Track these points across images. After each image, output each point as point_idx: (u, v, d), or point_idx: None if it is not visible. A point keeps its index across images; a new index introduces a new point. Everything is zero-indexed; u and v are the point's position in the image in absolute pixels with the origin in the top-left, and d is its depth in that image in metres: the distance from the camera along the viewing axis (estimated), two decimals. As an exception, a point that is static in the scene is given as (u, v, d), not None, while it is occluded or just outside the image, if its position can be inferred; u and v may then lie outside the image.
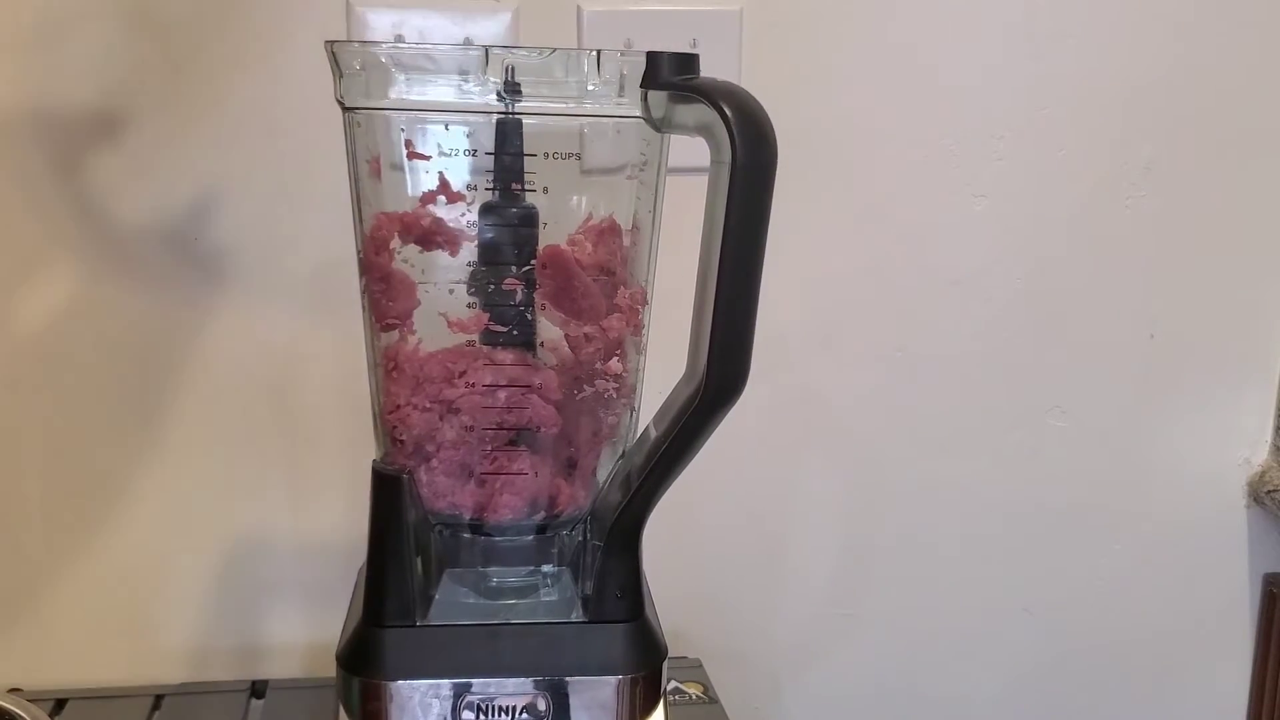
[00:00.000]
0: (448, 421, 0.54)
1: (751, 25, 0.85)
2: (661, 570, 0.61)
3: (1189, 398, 0.99)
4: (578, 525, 0.57)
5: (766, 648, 0.99)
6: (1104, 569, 1.02)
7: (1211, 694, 1.06)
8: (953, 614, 1.01)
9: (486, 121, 0.52)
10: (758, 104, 0.45)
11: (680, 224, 0.53)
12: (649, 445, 0.52)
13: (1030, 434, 0.98)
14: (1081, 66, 0.91)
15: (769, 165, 0.45)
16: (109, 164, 0.81)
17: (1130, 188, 0.94)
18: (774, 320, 0.48)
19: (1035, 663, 1.03)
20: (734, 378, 0.48)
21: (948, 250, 0.93)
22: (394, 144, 0.52)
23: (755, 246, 0.46)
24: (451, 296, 0.54)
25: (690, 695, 0.87)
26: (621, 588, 0.55)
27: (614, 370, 0.55)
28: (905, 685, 1.02)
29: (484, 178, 0.53)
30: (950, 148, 0.91)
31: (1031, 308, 0.95)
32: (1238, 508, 1.02)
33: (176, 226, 0.83)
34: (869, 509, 0.97)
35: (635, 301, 0.55)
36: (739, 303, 0.47)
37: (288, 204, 0.83)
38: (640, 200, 0.55)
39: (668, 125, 0.51)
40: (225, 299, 0.85)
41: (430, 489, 0.55)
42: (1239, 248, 0.97)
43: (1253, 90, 0.93)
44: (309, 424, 0.88)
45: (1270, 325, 0.98)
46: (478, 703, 0.54)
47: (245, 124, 0.82)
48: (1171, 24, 0.91)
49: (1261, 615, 1.04)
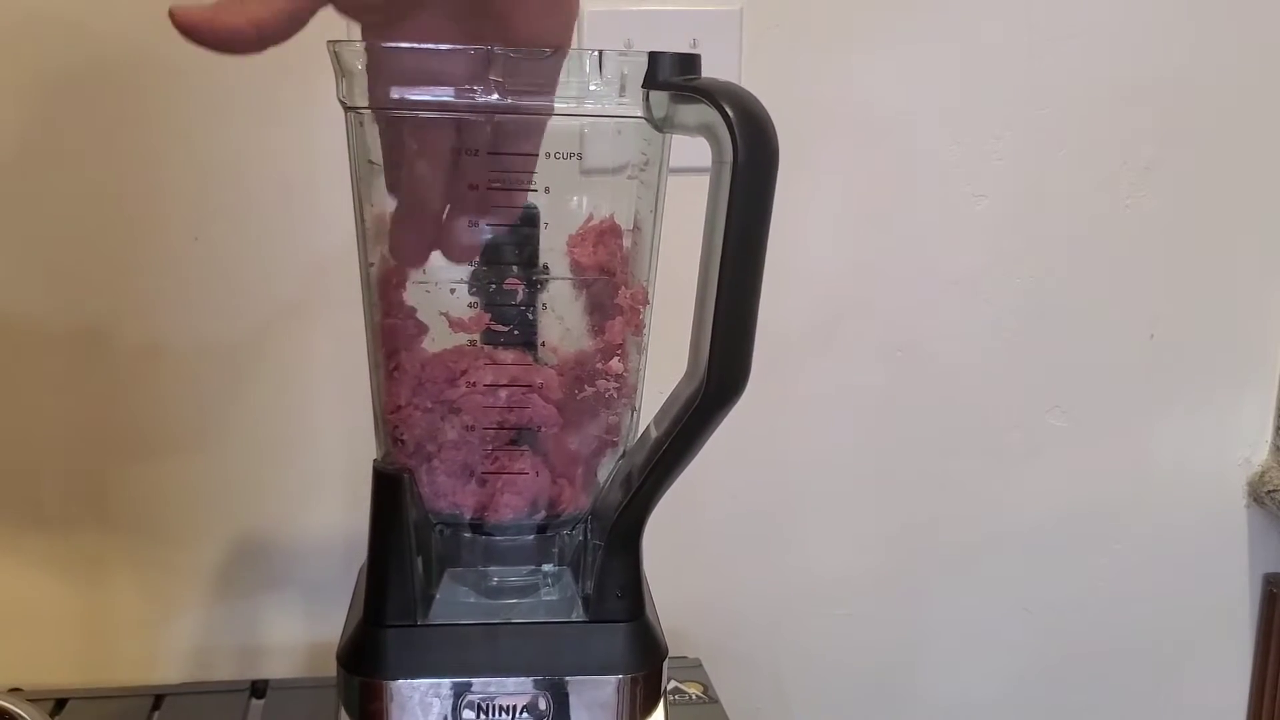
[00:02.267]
0: (449, 421, 0.54)
1: (751, 25, 0.85)
2: (662, 570, 0.61)
3: (1189, 398, 0.99)
4: (578, 525, 0.57)
5: (766, 648, 0.99)
6: (1104, 569, 1.02)
7: (1211, 694, 1.06)
8: (953, 614, 1.01)
9: (488, 121, 0.52)
10: (760, 104, 0.45)
11: (681, 224, 0.53)
12: (650, 445, 0.52)
13: (1030, 434, 0.98)
14: (1081, 66, 0.91)
15: (770, 165, 0.45)
16: (107, 161, 0.81)
17: (1130, 188, 0.94)
18: (774, 320, 0.48)
19: (1035, 663, 1.03)
20: (735, 378, 0.48)
21: (948, 250, 0.93)
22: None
23: (756, 246, 0.46)
24: (453, 296, 0.54)
25: (690, 695, 0.87)
26: (622, 587, 0.55)
27: (615, 370, 0.55)
28: (905, 685, 1.02)
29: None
30: (950, 148, 0.91)
31: (1031, 308, 0.95)
32: (1238, 508, 1.02)
33: (177, 226, 0.83)
34: (869, 509, 0.97)
35: (636, 301, 0.55)
36: (740, 303, 0.47)
37: (289, 203, 0.83)
38: (641, 200, 0.55)
39: (669, 125, 0.51)
40: (225, 296, 0.85)
41: (431, 488, 0.55)
42: (1239, 248, 0.97)
43: (1253, 90, 0.94)
44: (309, 423, 0.88)
45: (1270, 325, 0.99)
46: (478, 702, 0.54)
47: (247, 122, 0.82)
48: (1171, 24, 0.91)
49: (1261, 615, 1.04)
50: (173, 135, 0.82)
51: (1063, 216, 0.94)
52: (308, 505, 0.89)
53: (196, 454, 0.87)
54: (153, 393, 0.86)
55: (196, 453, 0.87)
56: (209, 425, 0.87)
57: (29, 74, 0.79)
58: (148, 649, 0.90)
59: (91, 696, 0.86)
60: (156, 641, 0.90)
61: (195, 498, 0.88)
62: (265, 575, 0.90)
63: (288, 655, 0.92)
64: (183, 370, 0.86)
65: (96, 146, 0.81)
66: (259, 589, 0.91)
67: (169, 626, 0.90)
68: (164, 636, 0.90)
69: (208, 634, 0.91)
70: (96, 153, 0.81)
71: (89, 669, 0.90)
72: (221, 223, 0.83)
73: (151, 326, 0.84)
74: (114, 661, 0.90)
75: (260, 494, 0.89)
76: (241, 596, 0.91)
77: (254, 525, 0.89)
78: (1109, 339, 0.97)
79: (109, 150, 0.81)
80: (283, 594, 0.91)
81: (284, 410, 0.87)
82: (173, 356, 0.85)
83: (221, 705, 0.85)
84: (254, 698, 0.87)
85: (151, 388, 0.86)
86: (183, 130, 0.82)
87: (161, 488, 0.88)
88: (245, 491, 0.89)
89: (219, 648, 0.91)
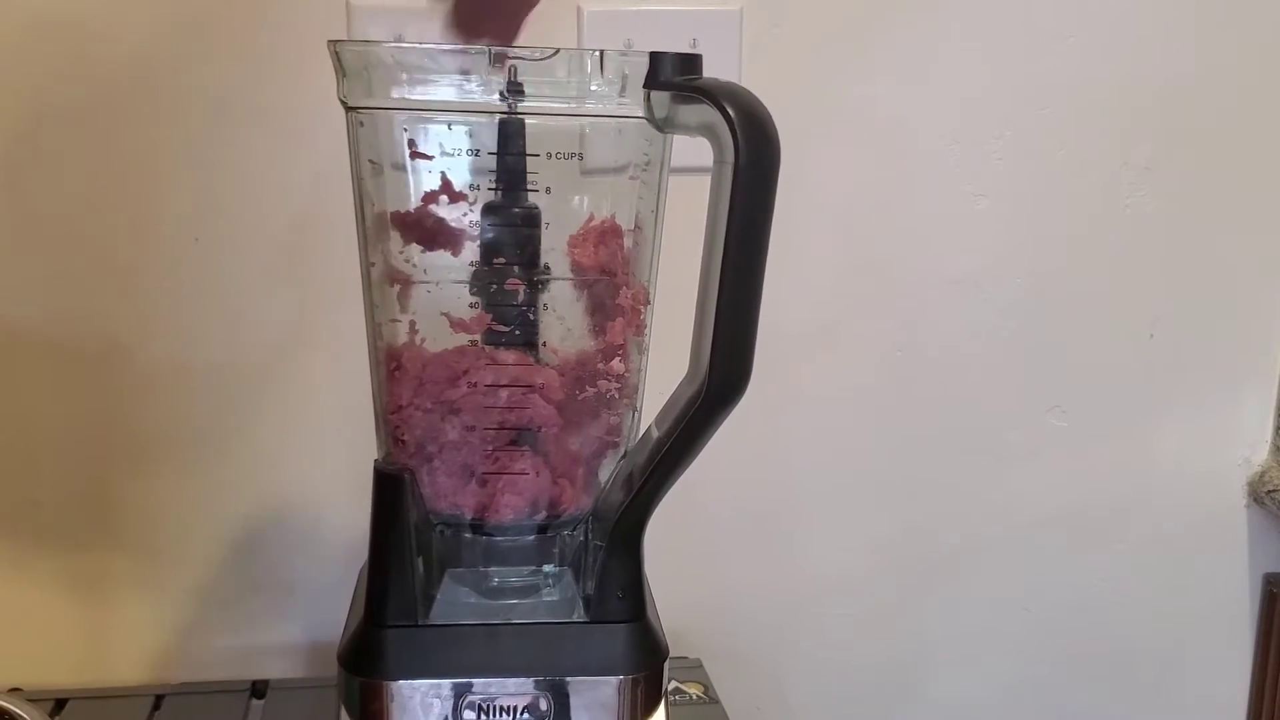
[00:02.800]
0: (450, 422, 0.54)
1: (751, 25, 0.85)
2: (662, 570, 0.61)
3: (1189, 398, 0.99)
4: (579, 525, 0.57)
5: (767, 648, 0.99)
6: (1104, 569, 1.02)
7: (1211, 694, 1.06)
8: (953, 614, 1.01)
9: (489, 121, 0.52)
10: (761, 105, 0.45)
11: (683, 223, 0.53)
12: (651, 446, 0.52)
13: (1030, 434, 0.98)
14: (1081, 66, 0.91)
15: (772, 166, 0.45)
16: (106, 159, 0.81)
17: (1130, 188, 0.94)
18: (774, 320, 0.48)
19: (1035, 663, 1.03)
20: (736, 378, 0.48)
21: (948, 250, 0.93)
22: (397, 144, 0.52)
23: (758, 247, 0.46)
24: (454, 297, 0.54)
25: (690, 695, 0.87)
26: (623, 588, 0.55)
27: (616, 370, 0.55)
28: (905, 685, 1.02)
29: (486, 178, 0.53)
30: (950, 148, 0.91)
31: (1031, 307, 0.95)
32: (1238, 508, 1.02)
33: (177, 224, 0.83)
34: (869, 509, 0.97)
35: (637, 301, 0.55)
36: (741, 303, 0.47)
37: (289, 203, 0.83)
38: (643, 200, 0.55)
39: (670, 125, 0.51)
40: (225, 295, 0.85)
41: (432, 489, 0.55)
42: (1239, 248, 0.97)
43: (1253, 90, 0.94)
44: (310, 423, 0.88)
45: (1270, 325, 0.98)
46: (479, 703, 0.54)
47: (248, 120, 0.82)
48: (1171, 24, 0.91)
49: (1261, 615, 1.04)
50: (173, 135, 0.81)
51: (1063, 216, 0.94)
52: (308, 505, 0.89)
53: (197, 453, 0.87)
54: (153, 392, 0.86)
55: (197, 452, 0.87)
56: (209, 425, 0.87)
57: (29, 75, 0.79)
58: (148, 649, 0.90)
59: (91, 696, 0.86)
60: (156, 641, 0.90)
61: (195, 497, 0.88)
62: (265, 575, 0.90)
63: (288, 655, 0.92)
64: (183, 369, 0.86)
65: (97, 146, 0.81)
66: (259, 589, 0.91)
67: (169, 626, 0.90)
68: (164, 637, 0.90)
69: (208, 634, 0.91)
70: (96, 153, 0.81)
71: (89, 669, 0.89)
72: (221, 223, 0.83)
73: (151, 326, 0.84)
74: (114, 661, 0.90)
75: (260, 493, 0.89)
76: (241, 596, 0.90)
77: (254, 524, 0.89)
78: (1109, 339, 0.97)
79: (109, 150, 0.81)
80: (283, 594, 0.91)
81: (285, 410, 0.87)
82: (173, 356, 0.85)
83: (221, 705, 0.85)
84: (254, 698, 0.87)
85: (152, 387, 0.86)
86: (183, 130, 0.81)
87: (162, 487, 0.87)
88: (245, 491, 0.88)
89: (219, 648, 0.91)
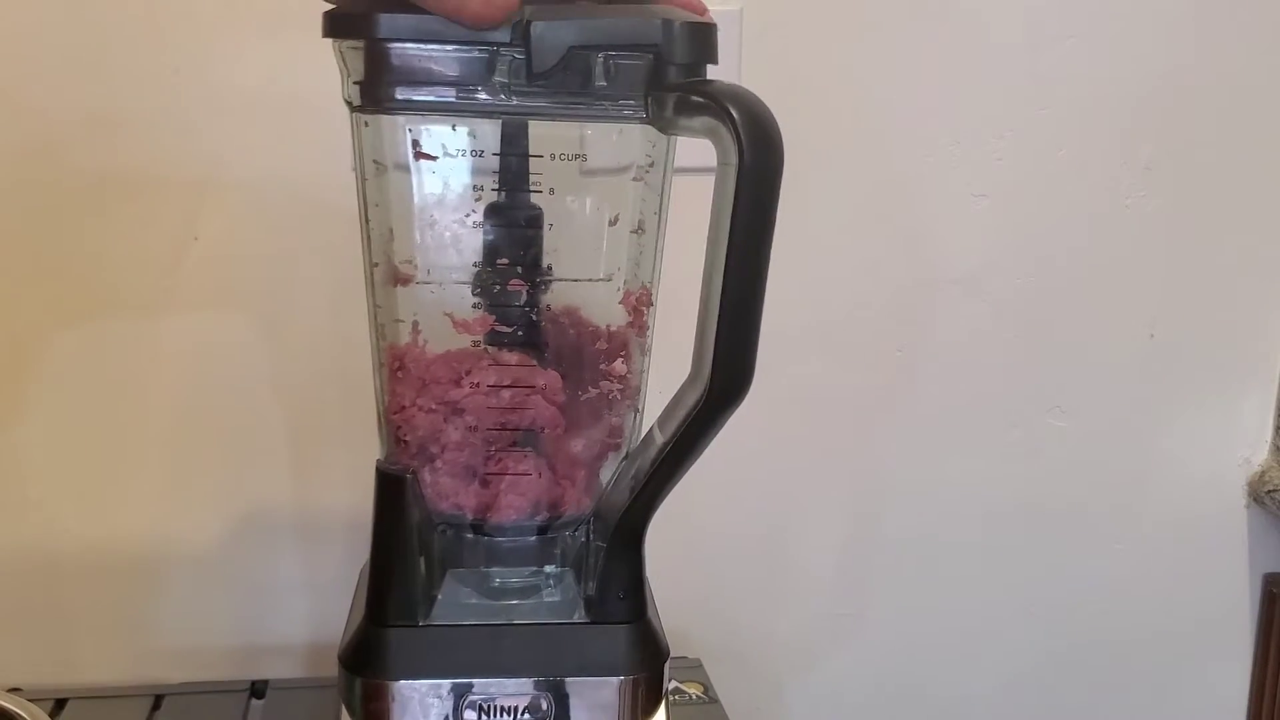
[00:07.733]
0: (452, 422, 0.54)
1: (751, 25, 0.85)
2: (663, 570, 0.61)
3: (1189, 398, 0.99)
4: (581, 526, 0.57)
5: (767, 648, 0.99)
6: (1104, 569, 1.02)
7: (1211, 694, 1.06)
8: (953, 614, 1.01)
9: (492, 123, 0.52)
10: (764, 107, 0.45)
11: (685, 224, 0.53)
12: (653, 447, 0.52)
13: (1030, 434, 0.98)
14: (1082, 66, 0.91)
15: (775, 168, 0.45)
16: (107, 161, 0.81)
17: (1130, 188, 0.94)
18: (774, 320, 0.48)
19: (1035, 663, 1.03)
20: (739, 380, 0.48)
21: (948, 250, 0.93)
22: (400, 144, 0.52)
23: (761, 249, 0.46)
24: (457, 297, 0.54)
25: (690, 695, 0.87)
26: (624, 589, 0.55)
27: (618, 372, 0.55)
28: (905, 685, 1.02)
29: (489, 178, 0.53)
30: (950, 148, 0.91)
31: (1031, 307, 0.95)
32: (1238, 508, 1.02)
33: (177, 226, 0.83)
34: (869, 509, 0.97)
35: (640, 303, 0.55)
36: (744, 306, 0.47)
37: (290, 203, 0.83)
38: (646, 201, 0.55)
39: (673, 127, 0.51)
40: (227, 295, 0.85)
41: (434, 489, 0.55)
42: (1239, 248, 0.97)
43: (1252, 90, 0.94)
44: (311, 423, 0.88)
45: (1270, 325, 0.99)
46: (480, 703, 0.54)
47: (248, 120, 0.82)
48: (1172, 24, 0.91)
49: (1261, 615, 1.04)
50: (173, 135, 0.81)
51: (1063, 216, 0.94)
52: (309, 504, 0.89)
53: (197, 452, 0.87)
54: (153, 392, 0.86)
55: (197, 451, 0.87)
56: (210, 425, 0.87)
57: (26, 70, 0.79)
58: (147, 649, 0.90)
59: (91, 696, 0.86)
60: (156, 642, 0.90)
61: (195, 497, 0.88)
62: (265, 574, 0.90)
63: (288, 655, 0.92)
64: (182, 368, 0.85)
65: (97, 146, 0.81)
66: (259, 588, 0.91)
67: (169, 626, 0.90)
68: (164, 637, 0.90)
69: (208, 634, 0.91)
70: (96, 153, 0.81)
71: (89, 669, 0.89)
72: (221, 223, 0.83)
73: (151, 326, 0.84)
74: (114, 661, 0.90)
75: (261, 493, 0.89)
76: (242, 596, 0.91)
77: (255, 524, 0.89)
78: (1109, 339, 0.97)
79: (109, 150, 0.81)
80: (283, 593, 0.91)
81: (285, 410, 0.87)
82: (173, 355, 0.85)
83: (221, 705, 0.85)
84: (254, 698, 0.87)
85: (152, 387, 0.86)
86: (183, 130, 0.81)
87: (161, 486, 0.87)
88: (245, 491, 0.88)
89: (219, 648, 0.91)
